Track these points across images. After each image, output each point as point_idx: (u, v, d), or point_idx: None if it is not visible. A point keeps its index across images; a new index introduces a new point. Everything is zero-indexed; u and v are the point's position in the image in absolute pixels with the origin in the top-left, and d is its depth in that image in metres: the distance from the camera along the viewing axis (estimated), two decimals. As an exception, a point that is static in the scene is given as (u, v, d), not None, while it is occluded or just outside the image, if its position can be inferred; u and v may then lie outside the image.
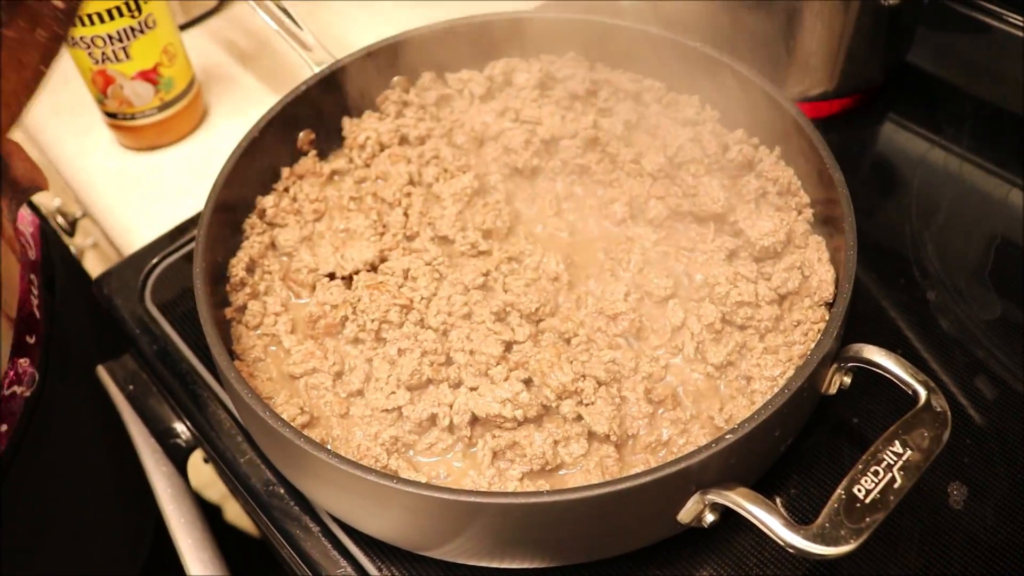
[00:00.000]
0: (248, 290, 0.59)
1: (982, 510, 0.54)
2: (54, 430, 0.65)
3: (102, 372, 0.70)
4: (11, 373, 0.60)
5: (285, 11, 0.72)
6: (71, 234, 1.06)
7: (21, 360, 0.61)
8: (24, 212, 0.71)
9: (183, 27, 0.95)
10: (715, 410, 0.52)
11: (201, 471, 0.74)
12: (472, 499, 0.43)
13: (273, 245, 0.62)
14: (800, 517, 0.54)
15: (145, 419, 0.68)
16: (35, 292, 0.66)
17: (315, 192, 0.64)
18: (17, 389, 0.60)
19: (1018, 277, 0.67)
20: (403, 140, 0.67)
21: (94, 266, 1.10)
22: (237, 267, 0.59)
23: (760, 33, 0.72)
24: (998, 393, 0.60)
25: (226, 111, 0.85)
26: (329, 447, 0.52)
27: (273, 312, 0.58)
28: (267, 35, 0.91)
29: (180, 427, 0.66)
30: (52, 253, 0.73)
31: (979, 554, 0.53)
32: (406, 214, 0.62)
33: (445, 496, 0.43)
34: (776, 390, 0.48)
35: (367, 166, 0.66)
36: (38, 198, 1.19)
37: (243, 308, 0.58)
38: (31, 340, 0.63)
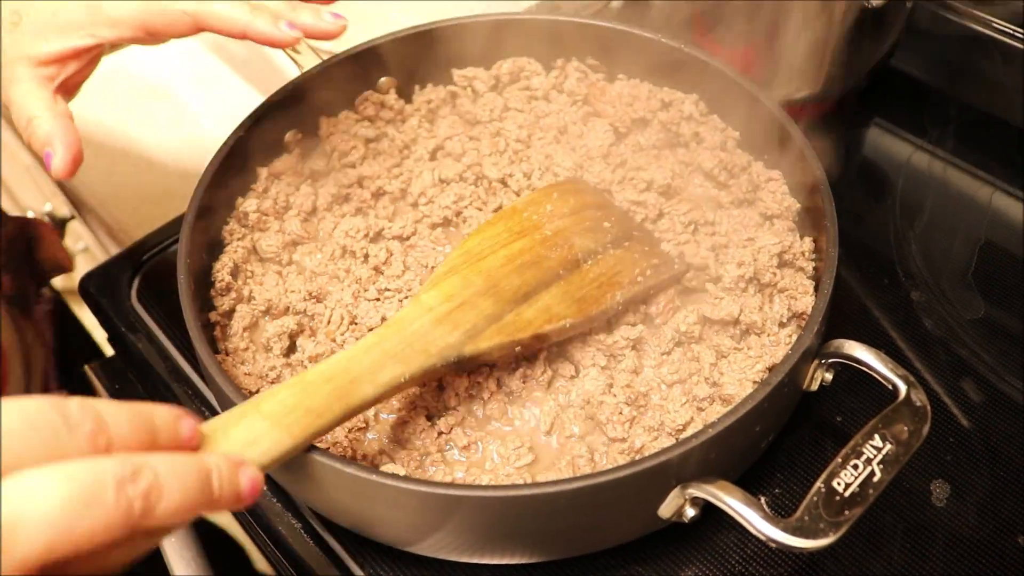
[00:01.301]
0: (234, 295, 0.59)
1: (964, 508, 0.54)
2: None
3: (89, 372, 0.70)
4: None
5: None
6: (61, 237, 1.06)
7: None
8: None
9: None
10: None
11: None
12: (451, 492, 0.43)
13: (255, 250, 0.62)
14: (784, 515, 0.54)
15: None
16: (55, 377, 0.65)
17: (294, 192, 0.64)
18: None
19: (1001, 278, 0.67)
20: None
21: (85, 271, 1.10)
22: (222, 272, 0.59)
23: (745, 35, 0.73)
24: (981, 392, 0.60)
25: (216, 114, 0.86)
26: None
27: (260, 311, 0.58)
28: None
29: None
30: (68, 334, 0.73)
31: (961, 552, 0.53)
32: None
33: (424, 489, 0.43)
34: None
35: (352, 167, 0.66)
36: (28, 201, 1.19)
37: (230, 313, 0.58)
38: None
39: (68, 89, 0.53)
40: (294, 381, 0.42)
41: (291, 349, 0.57)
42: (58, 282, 0.93)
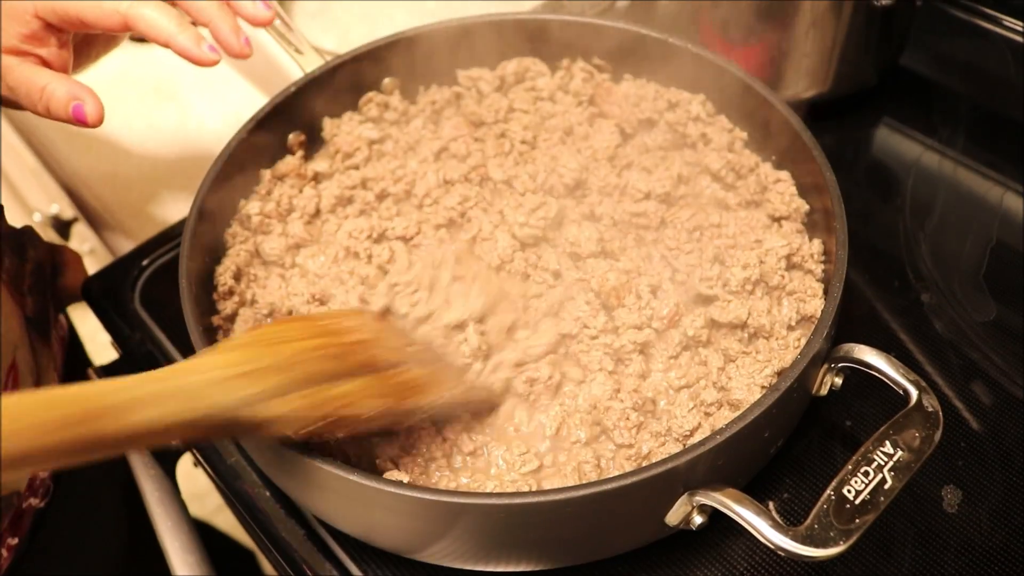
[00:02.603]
0: (236, 298, 0.59)
1: (976, 514, 0.54)
2: (58, 544, 0.64)
3: (92, 376, 0.70)
4: (31, 484, 0.60)
5: (278, 15, 0.72)
6: (66, 239, 1.06)
7: (41, 471, 0.61)
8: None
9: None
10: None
11: (195, 482, 0.73)
12: (455, 499, 0.43)
13: (258, 253, 0.61)
14: (793, 520, 0.53)
15: (134, 422, 0.67)
16: None
17: (297, 195, 0.64)
18: (32, 501, 0.60)
19: (1013, 279, 0.66)
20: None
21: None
22: (224, 275, 0.59)
23: (753, 34, 0.72)
24: (993, 396, 0.59)
25: (219, 116, 0.85)
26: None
27: (263, 315, 0.58)
28: (261, 39, 0.91)
29: (169, 430, 0.66)
30: (75, 362, 0.73)
31: (973, 558, 0.52)
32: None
33: (428, 497, 0.43)
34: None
35: (356, 168, 0.66)
36: (33, 203, 1.19)
37: (232, 316, 0.58)
38: None
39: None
40: (37, 393, 0.38)
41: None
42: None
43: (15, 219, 0.67)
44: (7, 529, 0.57)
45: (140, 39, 0.93)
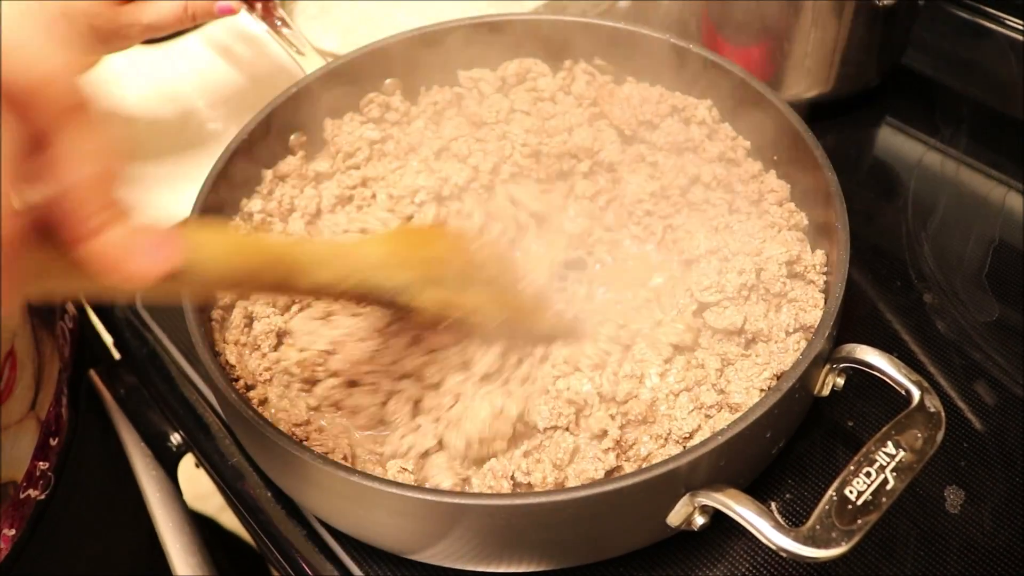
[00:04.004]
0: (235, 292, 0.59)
1: (979, 514, 0.54)
2: (62, 539, 0.64)
3: (94, 376, 0.70)
4: (30, 476, 0.60)
5: (280, 17, 0.72)
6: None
7: (41, 463, 0.61)
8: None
9: (181, 33, 0.95)
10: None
11: (198, 482, 0.73)
12: (456, 500, 0.42)
13: None
14: (795, 521, 0.53)
15: (136, 423, 0.67)
16: (65, 393, 0.66)
17: (298, 195, 0.64)
18: (32, 492, 0.60)
19: (1016, 279, 0.66)
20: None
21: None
22: None
23: (755, 34, 0.72)
24: (996, 396, 0.59)
25: (221, 116, 0.85)
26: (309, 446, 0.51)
27: (263, 315, 0.58)
28: (264, 41, 0.91)
29: (170, 431, 0.66)
30: (84, 352, 0.73)
31: (976, 559, 0.52)
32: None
33: (429, 498, 0.43)
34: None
35: (357, 168, 0.66)
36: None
37: (230, 307, 0.58)
38: (53, 443, 0.63)
39: None
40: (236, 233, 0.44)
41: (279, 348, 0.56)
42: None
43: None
44: (3, 519, 0.57)
45: (148, 40, 0.93)
